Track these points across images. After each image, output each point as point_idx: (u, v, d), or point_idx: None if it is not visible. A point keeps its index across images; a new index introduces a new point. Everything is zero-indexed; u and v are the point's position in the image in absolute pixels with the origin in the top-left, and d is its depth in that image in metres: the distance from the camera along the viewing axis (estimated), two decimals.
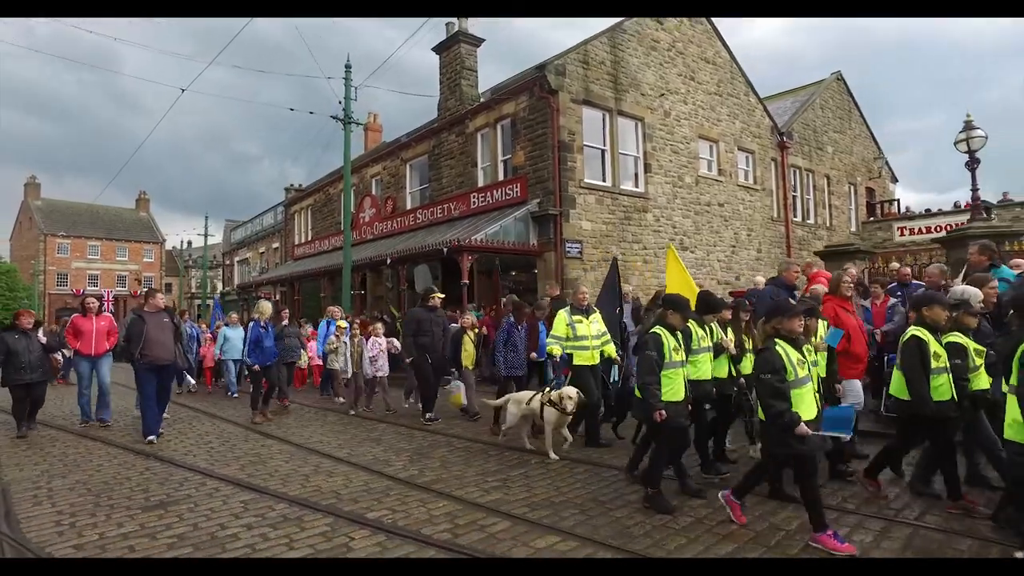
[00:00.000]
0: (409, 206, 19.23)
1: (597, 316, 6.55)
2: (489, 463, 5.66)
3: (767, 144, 20.31)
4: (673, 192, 16.54)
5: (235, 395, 11.14)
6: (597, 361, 6.33)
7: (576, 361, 6.25)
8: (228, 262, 37.81)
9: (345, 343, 9.51)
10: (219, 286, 39.46)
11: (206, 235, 33.18)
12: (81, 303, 8.42)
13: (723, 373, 5.15)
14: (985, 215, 11.60)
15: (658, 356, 4.08)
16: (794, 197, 21.86)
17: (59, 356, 8.07)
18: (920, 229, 22.83)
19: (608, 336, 6.56)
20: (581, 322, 6.32)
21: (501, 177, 15.50)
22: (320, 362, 11.64)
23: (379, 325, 9.53)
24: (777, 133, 20.79)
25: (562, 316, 6.41)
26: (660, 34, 16.69)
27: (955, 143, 10.22)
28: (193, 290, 48.15)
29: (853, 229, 24.81)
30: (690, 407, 4.47)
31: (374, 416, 8.49)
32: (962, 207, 24.06)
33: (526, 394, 6.23)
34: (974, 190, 10.22)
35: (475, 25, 17.60)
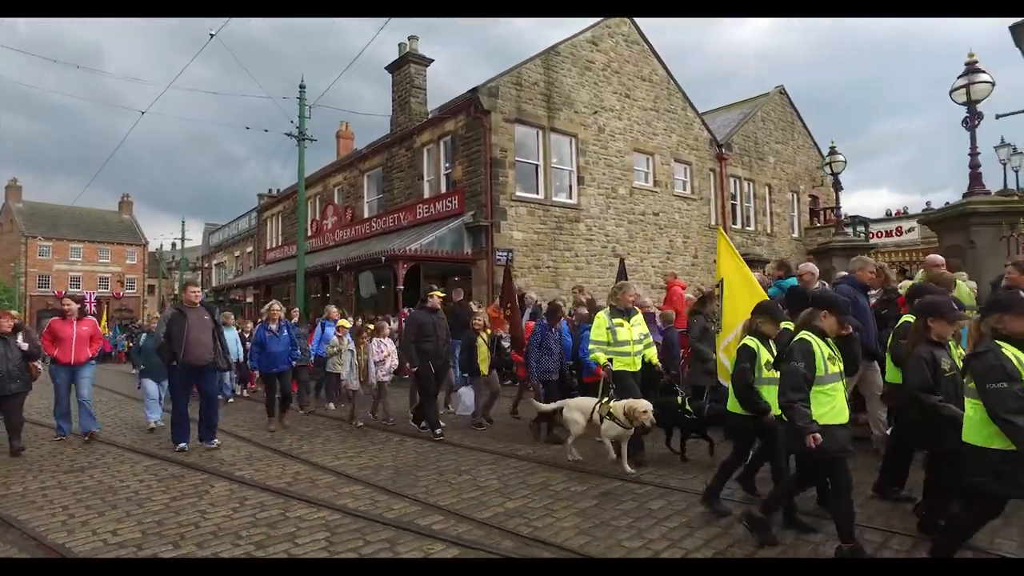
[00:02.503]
0: (366, 214, 20.44)
1: (639, 318, 6.06)
2: (361, 442, 6.89)
3: (705, 156, 21.63)
4: (606, 203, 17.83)
5: (230, 399, 10.51)
6: (639, 367, 5.84)
7: (616, 367, 5.72)
8: (206, 265, 38.86)
9: (351, 349, 8.32)
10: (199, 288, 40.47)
11: (183, 239, 34.29)
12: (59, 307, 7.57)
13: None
14: (862, 230, 12.95)
15: (807, 368, 3.32)
16: (733, 205, 23.22)
17: (39, 364, 7.10)
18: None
19: (650, 339, 6.11)
20: (622, 325, 5.81)
21: (443, 190, 16.77)
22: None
23: (385, 324, 8.76)
24: (716, 145, 22.13)
25: (602, 319, 5.89)
26: (595, 55, 17.98)
27: (822, 166, 11.57)
28: (176, 291, 49.11)
29: (795, 235, 26.25)
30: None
31: (379, 426, 7.80)
32: (892, 215, 25.68)
33: (588, 402, 5.76)
34: (837, 208, 11.56)
35: (466, 25, 18.88)
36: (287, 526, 4.02)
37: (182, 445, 6.40)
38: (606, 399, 5.53)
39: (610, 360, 5.70)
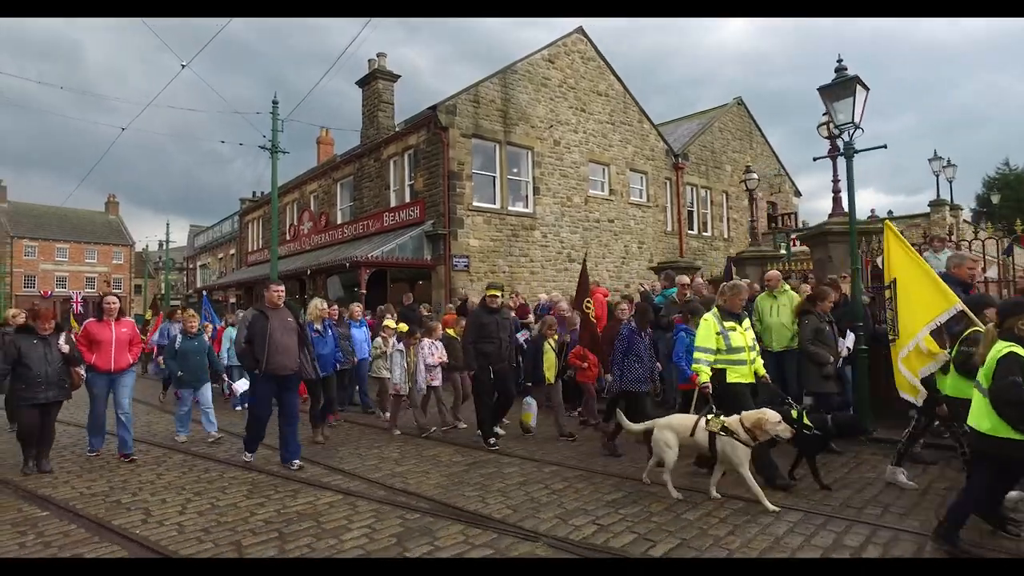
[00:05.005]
0: (339, 221, 21.64)
1: (748, 323, 5.51)
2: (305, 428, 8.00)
3: (661, 165, 22.95)
4: (561, 211, 19.10)
5: (239, 407, 9.36)
6: (753, 379, 5.27)
7: (731, 378, 5.10)
8: (191, 266, 39.85)
9: (400, 350, 7.62)
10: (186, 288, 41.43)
11: (167, 241, 35.28)
12: (98, 304, 6.72)
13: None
14: (783, 240, 14.29)
15: None
16: (690, 212, 24.58)
17: (81, 370, 6.29)
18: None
19: (758, 347, 5.57)
20: (735, 330, 5.20)
21: (407, 199, 17.99)
22: None
23: (438, 325, 8.21)
24: (672, 155, 23.47)
25: (710, 323, 5.20)
26: (552, 72, 19.24)
27: (740, 180, 12.89)
28: (162, 291, 49.96)
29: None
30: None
31: (433, 437, 7.18)
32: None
33: (685, 419, 4.88)
34: (752, 220, 12.89)
35: (449, 25, 19.83)
36: (222, 482, 5.27)
37: (248, 457, 5.94)
38: (712, 414, 4.70)
39: (720, 371, 5.09)
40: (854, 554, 3.58)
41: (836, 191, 9.12)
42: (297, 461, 5.77)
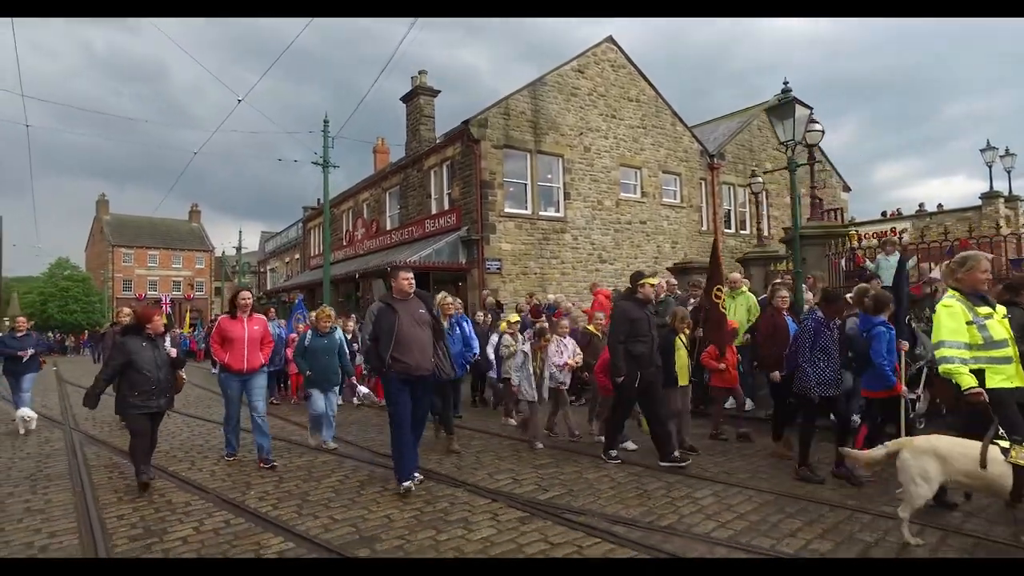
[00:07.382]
0: (389, 227, 23.42)
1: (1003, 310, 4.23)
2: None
3: (695, 166, 23.39)
4: (592, 214, 20.03)
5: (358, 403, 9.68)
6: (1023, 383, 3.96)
7: (992, 382, 3.85)
8: (263, 270, 43.19)
9: (526, 352, 6.92)
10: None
11: (240, 247, 38.54)
12: (231, 300, 6.37)
13: None
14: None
15: None
16: (728, 211, 24.86)
17: (183, 375, 5.94)
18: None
19: None
20: (991, 317, 4.01)
21: (446, 207, 19.45)
22: None
23: (565, 322, 7.56)
24: (708, 156, 23.87)
25: (956, 308, 3.99)
26: (581, 82, 20.20)
27: (747, 184, 13.49)
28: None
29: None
30: None
31: (562, 446, 6.57)
32: (888, 215, 26.53)
33: (962, 445, 3.62)
34: (759, 222, 13.45)
35: (506, 25, 20.77)
36: (252, 447, 6.69)
37: (406, 484, 4.90)
38: (1009, 438, 3.52)
39: (977, 372, 3.84)
40: None
41: (813, 196, 9.74)
42: (408, 483, 4.91)
